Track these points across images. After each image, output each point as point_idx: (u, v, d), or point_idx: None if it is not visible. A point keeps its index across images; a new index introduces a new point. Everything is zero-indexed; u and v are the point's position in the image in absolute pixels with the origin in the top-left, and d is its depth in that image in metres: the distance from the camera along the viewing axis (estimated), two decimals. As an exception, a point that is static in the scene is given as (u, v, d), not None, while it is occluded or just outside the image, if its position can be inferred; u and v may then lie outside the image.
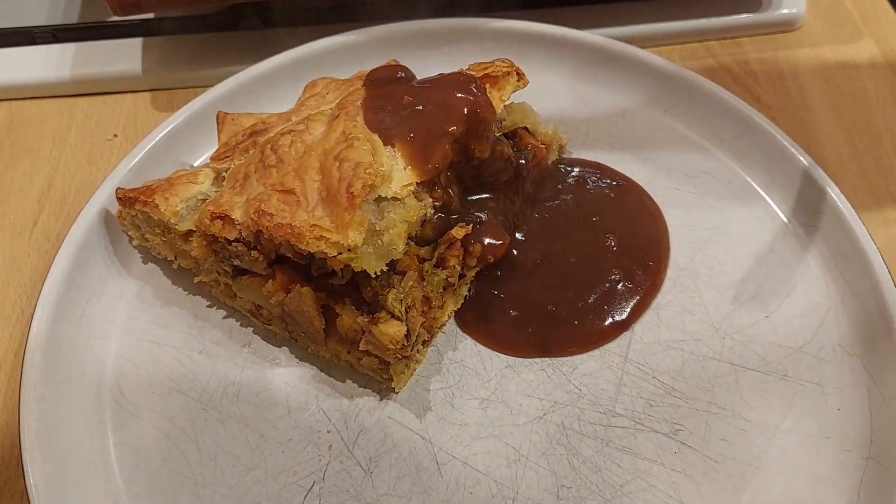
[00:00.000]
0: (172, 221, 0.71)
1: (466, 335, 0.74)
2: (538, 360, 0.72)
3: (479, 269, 0.75)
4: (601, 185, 0.83)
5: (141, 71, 0.97)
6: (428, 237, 0.72)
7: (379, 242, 0.64)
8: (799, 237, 0.79)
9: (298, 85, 0.82)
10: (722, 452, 0.66)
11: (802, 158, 0.80)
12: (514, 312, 0.75)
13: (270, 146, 0.70)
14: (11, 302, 0.80)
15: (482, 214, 0.75)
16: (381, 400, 0.71)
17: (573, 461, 0.66)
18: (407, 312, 0.67)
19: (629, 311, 0.74)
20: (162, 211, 0.71)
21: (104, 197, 0.78)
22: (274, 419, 0.69)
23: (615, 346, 0.73)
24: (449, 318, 0.74)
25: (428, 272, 0.70)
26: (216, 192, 0.72)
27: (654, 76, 0.89)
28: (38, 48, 0.99)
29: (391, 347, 0.65)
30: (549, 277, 0.77)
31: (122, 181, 0.78)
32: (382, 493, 0.65)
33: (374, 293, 0.66)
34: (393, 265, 0.66)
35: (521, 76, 0.76)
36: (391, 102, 0.70)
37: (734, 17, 1.00)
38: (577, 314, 0.74)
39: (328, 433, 0.69)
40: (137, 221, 0.75)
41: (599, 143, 0.87)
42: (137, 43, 0.99)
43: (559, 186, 0.83)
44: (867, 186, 0.86)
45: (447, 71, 0.75)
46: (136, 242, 0.78)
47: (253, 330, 0.75)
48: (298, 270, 0.69)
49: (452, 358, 0.73)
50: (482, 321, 0.75)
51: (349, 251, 0.62)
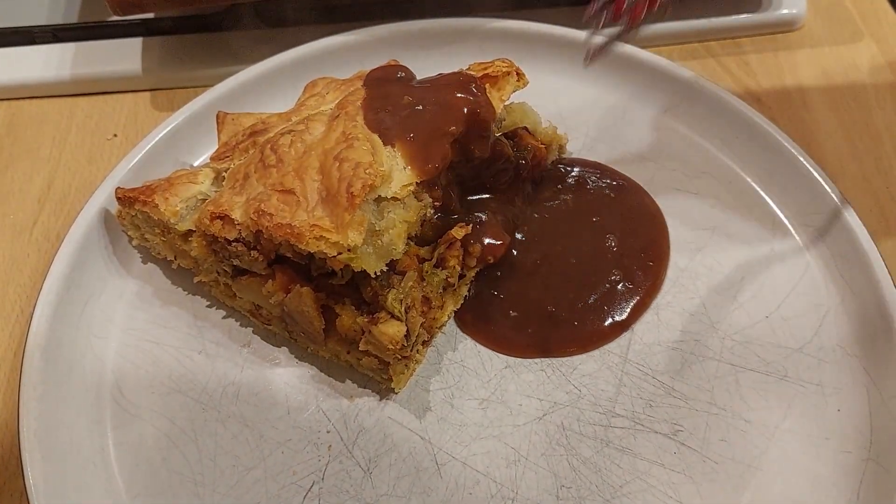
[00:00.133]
0: (172, 221, 0.71)
1: (466, 335, 0.74)
2: (538, 360, 0.72)
3: (478, 269, 0.75)
4: (601, 185, 0.83)
5: (141, 71, 0.97)
6: (428, 237, 0.72)
7: (379, 242, 0.63)
8: (799, 237, 0.79)
9: (298, 85, 0.82)
10: (721, 453, 0.66)
11: (802, 158, 0.80)
12: (513, 313, 0.74)
13: (270, 146, 0.70)
14: (11, 301, 0.80)
15: (482, 214, 0.75)
16: (380, 400, 0.71)
17: (573, 462, 0.66)
18: (407, 312, 0.67)
19: (629, 311, 0.74)
20: (161, 211, 0.71)
21: (104, 197, 0.78)
22: (273, 419, 0.69)
23: (615, 346, 0.73)
24: (449, 318, 0.74)
25: (428, 272, 0.70)
26: (216, 192, 0.72)
27: (654, 76, 0.89)
28: (38, 48, 0.99)
29: (391, 347, 0.65)
30: (548, 278, 0.77)
31: (121, 181, 0.78)
32: (382, 493, 0.65)
33: (373, 293, 0.66)
34: (393, 265, 0.66)
35: (521, 76, 0.76)
36: (391, 102, 0.70)
37: (734, 17, 1.00)
38: (576, 314, 0.74)
39: (328, 433, 0.69)
40: (137, 221, 0.75)
41: (599, 143, 0.87)
42: (137, 43, 0.99)
43: (559, 186, 0.83)
44: (867, 186, 0.86)
45: (447, 71, 0.75)
46: (135, 242, 0.78)
47: (252, 330, 0.75)
48: (298, 270, 0.69)
49: (452, 358, 0.73)
50: (482, 321, 0.74)
51: (349, 251, 0.62)
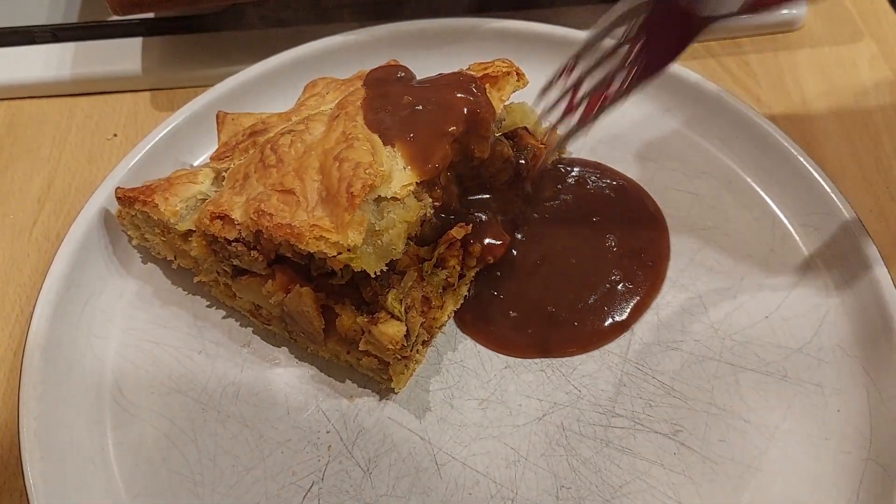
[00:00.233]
0: (172, 221, 0.71)
1: (466, 335, 0.74)
2: (538, 360, 0.72)
3: (478, 269, 0.75)
4: (601, 185, 0.83)
5: (141, 71, 0.97)
6: (428, 237, 0.72)
7: (379, 242, 0.63)
8: (799, 237, 0.79)
9: (298, 85, 0.82)
10: (721, 453, 0.66)
11: (802, 158, 0.80)
12: (513, 313, 0.74)
13: (270, 146, 0.70)
14: (11, 301, 0.80)
15: (482, 214, 0.75)
16: (380, 400, 0.71)
17: (572, 462, 0.66)
18: (406, 312, 0.67)
19: (629, 311, 0.74)
20: (161, 211, 0.71)
21: (104, 196, 0.78)
22: (273, 419, 0.69)
23: (615, 346, 0.73)
24: (448, 318, 0.74)
25: (427, 272, 0.70)
26: (216, 191, 0.72)
27: (654, 76, 0.89)
28: (37, 48, 0.99)
29: (391, 347, 0.65)
30: (548, 278, 0.77)
31: (121, 181, 0.78)
32: (381, 493, 0.65)
33: (373, 293, 0.66)
34: (393, 265, 0.66)
35: (520, 76, 0.76)
36: (391, 102, 0.70)
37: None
38: (576, 315, 0.74)
39: (327, 433, 0.69)
40: (137, 221, 0.75)
41: (599, 143, 0.87)
42: (137, 43, 0.99)
43: (559, 186, 0.83)
44: (867, 186, 0.86)
45: (447, 71, 0.75)
46: (135, 242, 0.78)
47: (252, 330, 0.75)
48: (298, 270, 0.69)
49: (452, 358, 0.73)
50: (482, 322, 0.74)
51: (349, 251, 0.62)
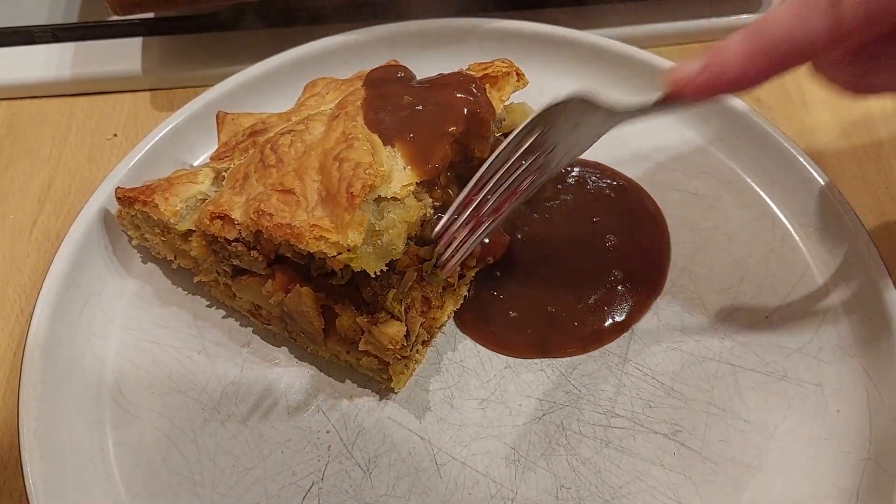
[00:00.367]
0: (172, 221, 0.71)
1: (466, 336, 0.74)
2: (537, 360, 0.72)
3: (478, 269, 0.75)
4: (601, 185, 0.83)
5: (141, 71, 0.97)
6: (428, 237, 0.72)
7: (379, 242, 0.63)
8: (799, 237, 0.79)
9: (298, 85, 0.82)
10: (721, 453, 0.66)
11: (802, 158, 0.80)
12: (513, 313, 0.74)
13: (270, 146, 0.70)
14: (11, 301, 0.80)
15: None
16: (380, 400, 0.71)
17: (572, 462, 0.66)
18: (406, 312, 0.67)
19: (629, 311, 0.74)
20: (161, 211, 0.70)
21: (104, 196, 0.78)
22: (273, 419, 0.69)
23: (615, 346, 0.73)
24: (448, 318, 0.74)
25: (427, 272, 0.70)
26: (216, 191, 0.72)
27: (654, 76, 0.89)
28: (37, 48, 0.99)
29: (391, 347, 0.65)
30: (548, 278, 0.77)
31: (121, 181, 0.78)
32: (381, 493, 0.65)
33: (373, 293, 0.66)
34: (393, 265, 0.66)
35: (520, 76, 0.76)
36: (391, 102, 0.70)
37: (734, 17, 1.00)
38: (576, 315, 0.74)
39: (327, 433, 0.69)
40: (137, 221, 0.75)
41: (599, 143, 0.86)
42: (137, 43, 0.99)
43: (559, 186, 0.83)
44: (867, 186, 0.86)
45: (447, 71, 0.75)
46: (135, 242, 0.78)
47: (252, 330, 0.75)
48: (298, 270, 0.69)
49: (452, 358, 0.73)
50: (481, 322, 0.74)
51: (349, 251, 0.62)
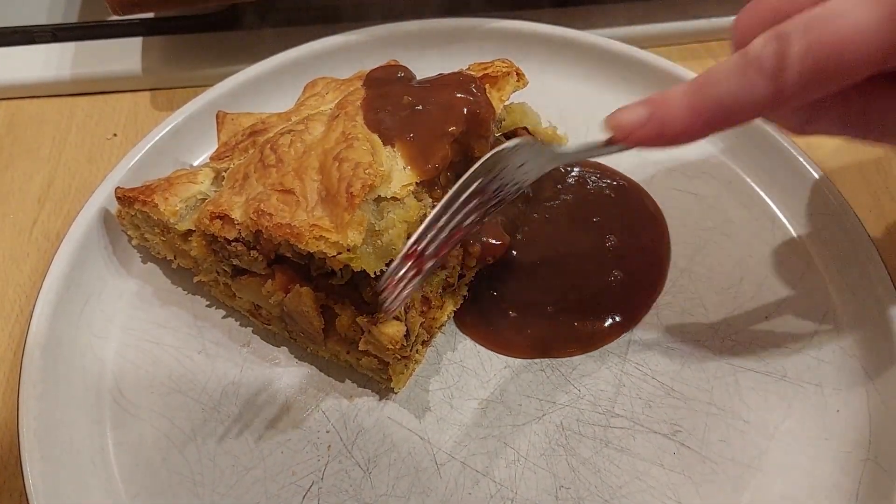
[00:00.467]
0: (172, 221, 0.71)
1: (466, 336, 0.74)
2: (537, 360, 0.72)
3: (478, 269, 0.75)
4: (601, 185, 0.83)
5: (141, 70, 0.97)
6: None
7: (378, 242, 0.63)
8: (799, 238, 0.79)
9: (298, 85, 0.82)
10: (721, 453, 0.66)
11: (802, 159, 0.80)
12: (513, 313, 0.74)
13: (270, 146, 0.70)
14: (11, 301, 0.80)
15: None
16: (380, 400, 0.71)
17: (572, 462, 0.66)
18: (406, 313, 0.67)
19: (628, 312, 0.74)
20: (161, 210, 0.71)
21: (104, 196, 0.78)
22: (273, 419, 0.69)
23: (614, 346, 0.73)
24: (448, 318, 0.74)
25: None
26: (216, 191, 0.72)
27: (654, 76, 0.89)
28: (37, 47, 0.99)
29: (390, 347, 0.65)
30: (548, 278, 0.77)
31: (121, 180, 0.78)
32: (381, 493, 0.65)
33: (373, 293, 0.66)
34: (392, 265, 0.66)
35: (520, 76, 0.76)
36: (391, 102, 0.70)
37: (734, 17, 0.99)
38: (576, 315, 0.74)
39: (327, 433, 0.69)
40: (137, 221, 0.75)
41: (599, 143, 0.87)
42: (137, 42, 0.99)
43: (559, 186, 0.83)
44: (867, 186, 0.85)
45: (447, 71, 0.75)
46: (135, 242, 0.78)
47: (252, 330, 0.75)
48: (298, 270, 0.69)
49: (451, 358, 0.73)
50: (481, 322, 0.74)
51: (349, 251, 0.62)
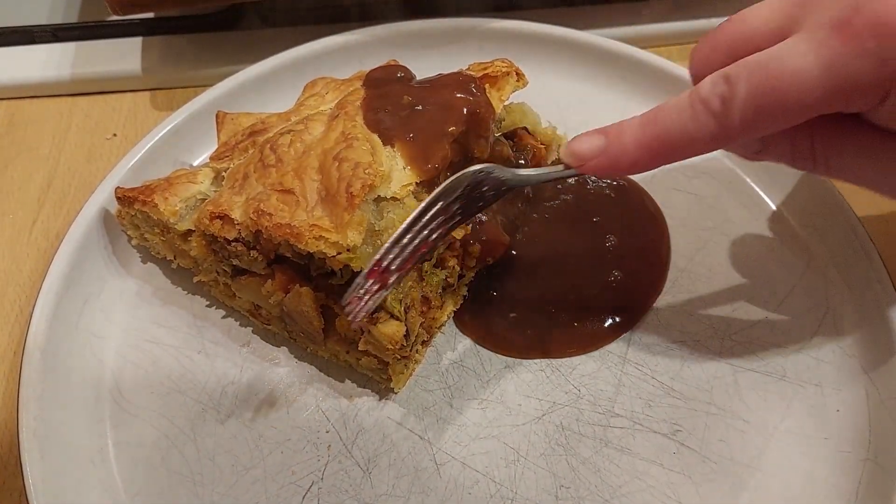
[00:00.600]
0: (171, 221, 0.71)
1: (466, 336, 0.74)
2: (537, 360, 0.72)
3: (478, 269, 0.75)
4: (601, 185, 0.83)
5: (141, 70, 0.97)
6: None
7: (378, 242, 0.63)
8: (799, 237, 0.79)
9: (298, 85, 0.82)
10: (720, 453, 0.66)
11: (802, 159, 0.80)
12: (513, 313, 0.74)
13: (270, 146, 0.70)
14: (10, 301, 0.80)
15: (482, 214, 0.75)
16: (379, 400, 0.71)
17: (572, 461, 0.66)
18: (406, 312, 0.67)
19: (628, 312, 0.74)
20: (161, 210, 0.71)
21: (103, 196, 0.78)
22: (273, 419, 0.69)
23: (614, 346, 0.73)
24: (448, 318, 0.74)
25: (427, 272, 0.70)
26: (215, 191, 0.72)
27: (654, 76, 0.89)
28: (37, 47, 0.99)
29: (390, 347, 0.65)
30: (548, 278, 0.76)
31: (121, 180, 0.78)
32: (381, 493, 0.65)
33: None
34: (392, 265, 0.66)
35: (520, 76, 0.76)
36: (391, 102, 0.70)
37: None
38: (576, 315, 0.74)
39: (327, 433, 0.69)
40: (136, 221, 0.75)
41: (599, 143, 0.87)
42: (137, 42, 0.99)
43: (559, 186, 0.83)
44: (867, 187, 0.86)
45: (447, 71, 0.75)
46: (135, 242, 0.78)
47: (252, 329, 0.75)
48: (298, 270, 0.69)
49: (451, 358, 0.73)
50: (481, 322, 0.74)
51: (348, 251, 0.62)
